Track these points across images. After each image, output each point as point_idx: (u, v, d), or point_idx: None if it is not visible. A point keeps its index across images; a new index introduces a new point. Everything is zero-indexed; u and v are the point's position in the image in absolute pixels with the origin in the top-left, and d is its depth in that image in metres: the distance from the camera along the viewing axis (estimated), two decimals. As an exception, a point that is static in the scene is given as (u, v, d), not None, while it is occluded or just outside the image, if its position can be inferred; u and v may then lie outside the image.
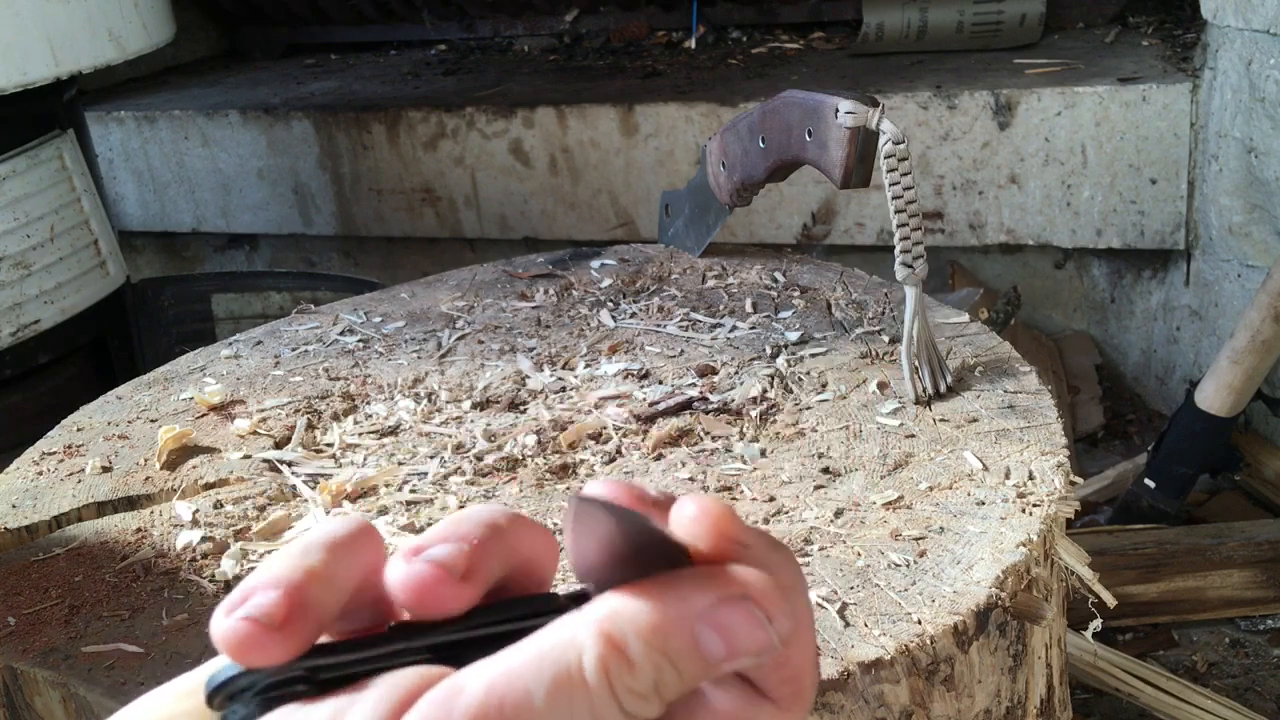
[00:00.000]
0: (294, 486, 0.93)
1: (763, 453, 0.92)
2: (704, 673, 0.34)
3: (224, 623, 0.34)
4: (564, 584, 0.69)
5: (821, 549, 0.79)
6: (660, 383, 1.03)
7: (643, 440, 0.95)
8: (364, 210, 2.46)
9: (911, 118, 2.05)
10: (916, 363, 0.96)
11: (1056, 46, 2.29)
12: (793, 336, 1.09)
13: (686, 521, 0.35)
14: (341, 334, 1.19)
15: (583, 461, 0.93)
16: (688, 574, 0.34)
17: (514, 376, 1.07)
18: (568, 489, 0.89)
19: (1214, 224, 1.94)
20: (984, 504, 0.82)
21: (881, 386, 0.99)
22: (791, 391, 1.00)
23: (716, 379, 1.03)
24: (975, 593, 0.73)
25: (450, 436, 0.98)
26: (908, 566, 0.76)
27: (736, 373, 1.04)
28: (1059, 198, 2.02)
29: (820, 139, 1.04)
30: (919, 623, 0.71)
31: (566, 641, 0.32)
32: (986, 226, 2.08)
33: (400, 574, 0.35)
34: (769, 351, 1.07)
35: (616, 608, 0.33)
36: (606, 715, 0.32)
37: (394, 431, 1.00)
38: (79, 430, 1.04)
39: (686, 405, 0.99)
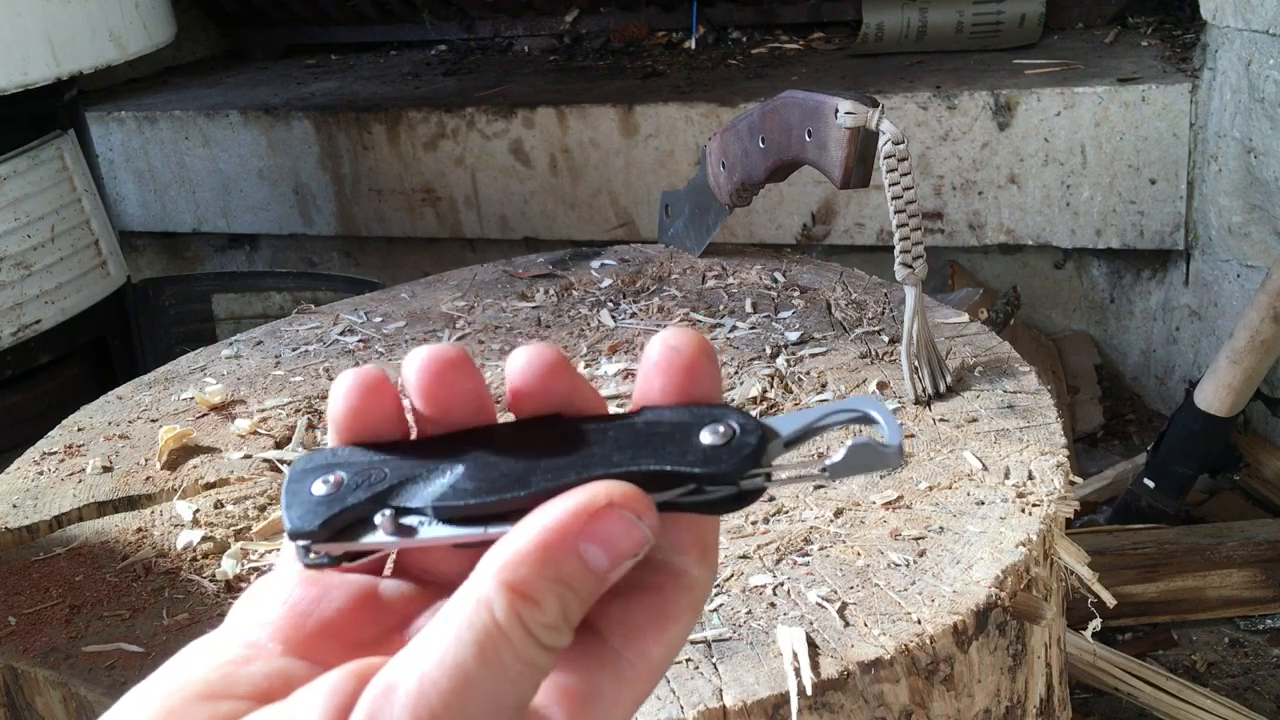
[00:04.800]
0: (294, 486, 0.93)
1: (762, 453, 0.92)
2: (598, 586, 0.36)
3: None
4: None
5: (821, 549, 0.79)
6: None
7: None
8: (364, 210, 2.46)
9: (911, 118, 2.05)
10: (916, 363, 0.97)
11: (1056, 47, 2.29)
12: (793, 336, 1.09)
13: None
14: (342, 334, 1.19)
15: (583, 461, 0.93)
16: (556, 502, 0.36)
17: (514, 376, 1.07)
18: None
19: (1213, 224, 1.94)
20: (983, 504, 0.82)
21: (881, 386, 0.99)
22: (791, 391, 1.00)
23: (716, 379, 1.03)
24: (975, 592, 0.73)
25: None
26: (907, 566, 0.76)
27: (736, 373, 1.04)
28: (1058, 198, 2.02)
29: (820, 139, 1.04)
30: (919, 622, 0.71)
31: (475, 606, 0.34)
32: (986, 227, 2.08)
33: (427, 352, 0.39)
34: (769, 351, 1.07)
35: (509, 554, 0.35)
36: (532, 656, 0.34)
37: (394, 431, 1.00)
38: (80, 430, 1.04)
39: (686, 405, 0.99)
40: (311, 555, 0.38)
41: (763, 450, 0.37)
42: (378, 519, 0.36)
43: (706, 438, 0.37)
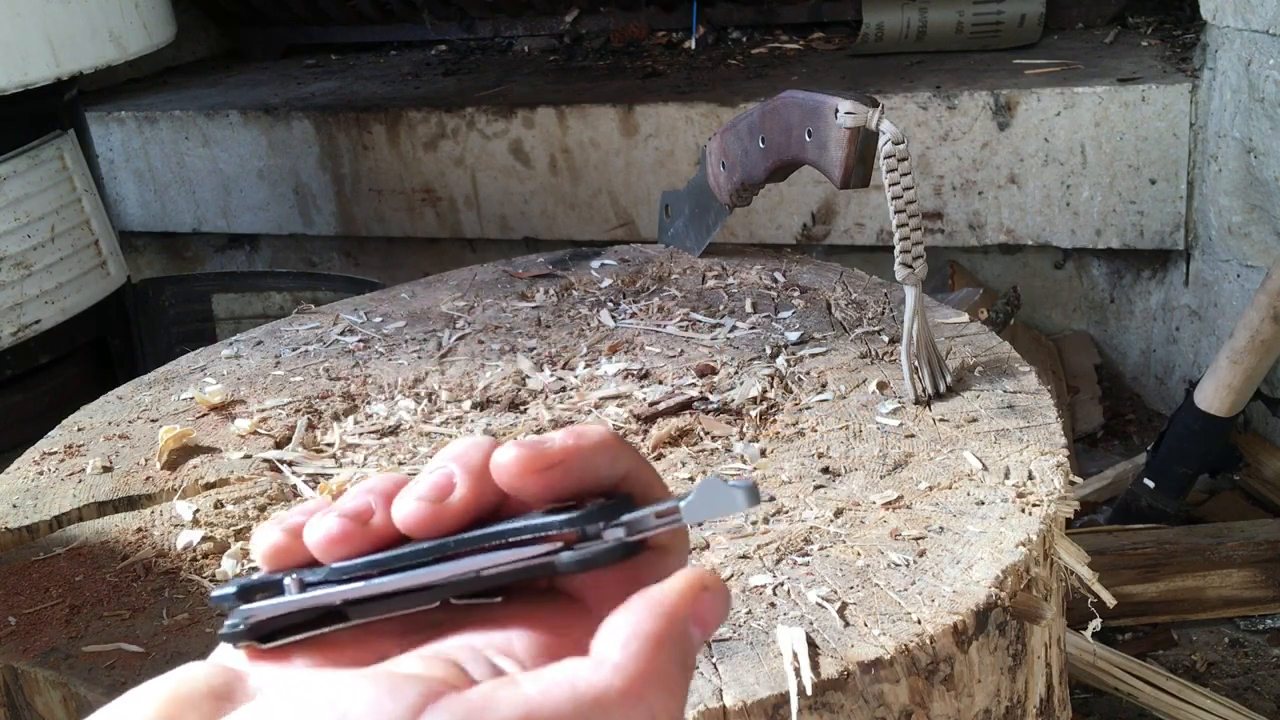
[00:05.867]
0: (294, 486, 0.93)
1: (763, 453, 0.92)
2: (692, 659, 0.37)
3: (323, 520, 0.40)
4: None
5: (821, 549, 0.79)
6: (660, 383, 1.03)
7: (643, 440, 0.95)
8: (364, 210, 2.46)
9: (911, 118, 2.05)
10: (916, 363, 0.97)
11: (1056, 47, 2.29)
12: (793, 336, 1.09)
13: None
14: (342, 334, 1.19)
15: (583, 461, 0.93)
16: (666, 588, 0.37)
17: (514, 376, 1.07)
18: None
19: (1213, 224, 1.94)
20: (983, 504, 0.82)
21: (881, 386, 0.99)
22: (791, 391, 1.00)
23: (716, 379, 1.03)
24: (975, 592, 0.73)
25: (451, 436, 0.98)
26: (907, 566, 0.76)
27: (736, 373, 1.04)
28: (1058, 198, 2.02)
29: (820, 139, 1.04)
30: (919, 622, 0.71)
31: (606, 679, 0.34)
32: (986, 227, 2.08)
33: (311, 532, 0.40)
34: (769, 351, 1.07)
35: (644, 637, 0.35)
36: None
37: (394, 431, 1.00)
38: (80, 430, 1.04)
39: (686, 405, 0.99)
40: (229, 625, 0.40)
41: (623, 507, 0.39)
42: (286, 581, 0.40)
43: (586, 505, 0.39)
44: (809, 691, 0.67)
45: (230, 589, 0.40)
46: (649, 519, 0.39)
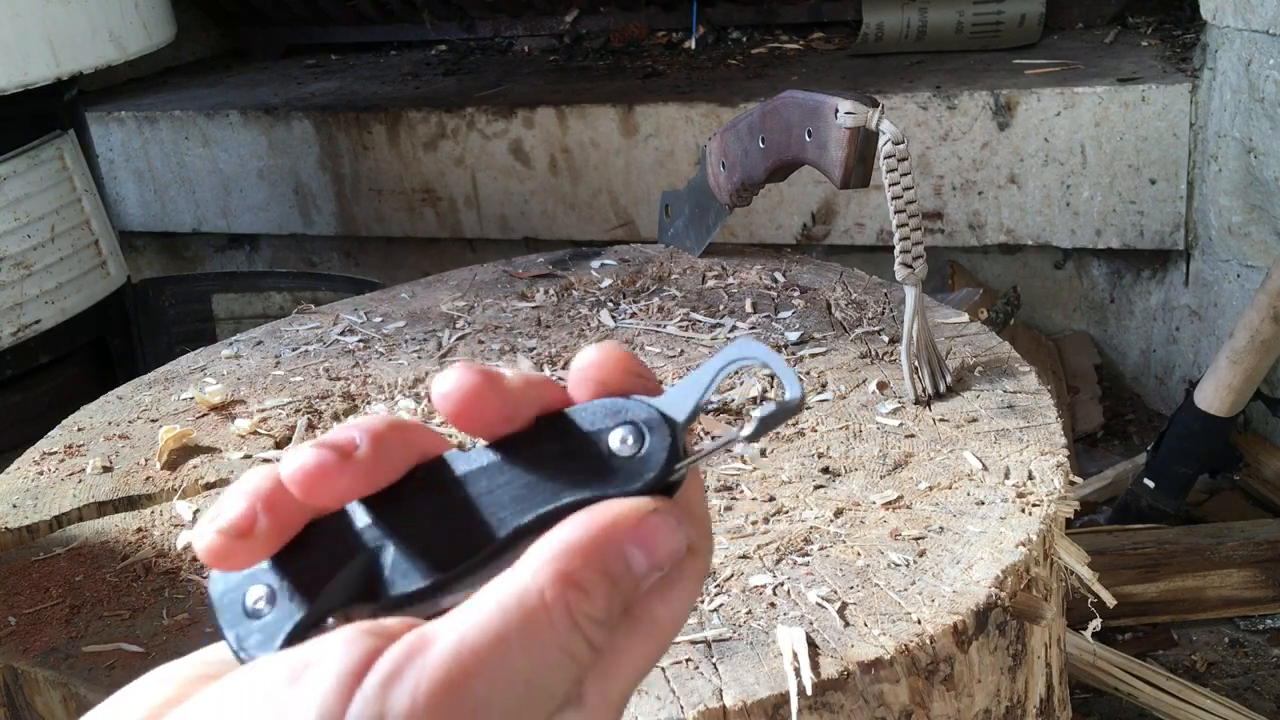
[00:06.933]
0: (294, 486, 0.93)
1: (763, 453, 0.92)
2: (634, 590, 0.36)
3: (201, 536, 0.37)
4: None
5: (821, 549, 0.79)
6: (660, 383, 1.03)
7: (643, 440, 0.95)
8: (364, 210, 2.46)
9: (911, 118, 2.05)
10: (916, 363, 0.97)
11: (1056, 47, 2.29)
12: (793, 336, 1.09)
13: (590, 368, 0.39)
14: (342, 334, 1.19)
15: (583, 461, 0.93)
16: (610, 503, 0.37)
17: (514, 376, 1.07)
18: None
19: (1213, 224, 1.94)
20: (983, 504, 0.82)
21: (881, 386, 0.99)
22: (791, 391, 1.00)
23: (716, 379, 1.03)
24: (975, 592, 0.73)
25: (451, 436, 0.98)
26: (907, 566, 0.76)
27: (737, 372, 1.04)
28: (1058, 198, 2.02)
29: (820, 139, 1.04)
30: (919, 622, 0.71)
31: (523, 586, 0.34)
32: (986, 227, 2.08)
33: (289, 467, 0.36)
34: (769, 351, 1.07)
35: (560, 545, 0.35)
36: (572, 645, 0.34)
37: (394, 431, 1.00)
38: (80, 430, 1.04)
39: (686, 405, 0.99)
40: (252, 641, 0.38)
41: (676, 450, 0.38)
42: (329, 623, 0.36)
43: (618, 447, 0.38)
44: (809, 691, 0.67)
45: (269, 647, 0.37)
46: (707, 450, 0.40)
